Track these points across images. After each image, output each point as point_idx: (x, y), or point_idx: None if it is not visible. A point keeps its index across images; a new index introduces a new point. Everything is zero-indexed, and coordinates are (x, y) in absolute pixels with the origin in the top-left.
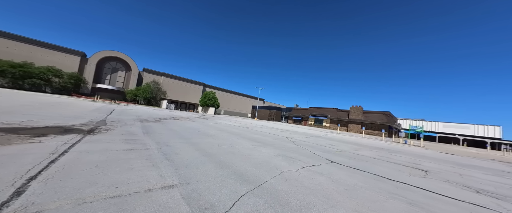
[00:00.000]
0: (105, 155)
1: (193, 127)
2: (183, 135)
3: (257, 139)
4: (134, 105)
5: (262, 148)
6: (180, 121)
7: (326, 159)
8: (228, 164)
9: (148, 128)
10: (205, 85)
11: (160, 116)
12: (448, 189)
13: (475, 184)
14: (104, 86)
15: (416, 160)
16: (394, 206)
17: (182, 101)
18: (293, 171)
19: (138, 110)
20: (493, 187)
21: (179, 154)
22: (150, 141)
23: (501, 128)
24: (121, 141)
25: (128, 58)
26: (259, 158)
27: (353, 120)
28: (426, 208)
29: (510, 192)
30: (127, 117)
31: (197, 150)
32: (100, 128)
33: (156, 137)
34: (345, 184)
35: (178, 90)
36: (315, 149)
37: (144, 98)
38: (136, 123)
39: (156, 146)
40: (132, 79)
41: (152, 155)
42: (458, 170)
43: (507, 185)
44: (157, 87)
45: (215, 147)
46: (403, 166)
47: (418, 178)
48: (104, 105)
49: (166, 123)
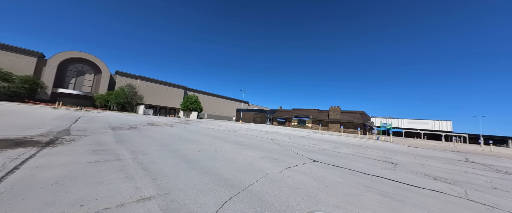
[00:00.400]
0: (67, 169)
1: (174, 133)
2: (162, 141)
3: (242, 142)
4: (105, 112)
5: (247, 151)
6: (159, 127)
7: (309, 158)
8: (211, 169)
9: (122, 136)
10: (187, 88)
11: (136, 122)
12: (413, 179)
13: (434, 173)
14: (67, 91)
15: (387, 154)
16: (369, 198)
17: (161, 106)
18: (277, 172)
19: (110, 117)
20: (447, 174)
21: (158, 162)
22: (124, 150)
23: (451, 122)
24: (88, 152)
25: (97, 60)
26: (243, 162)
27: (332, 120)
28: (395, 198)
29: (459, 177)
30: (96, 125)
31: (178, 157)
32: (62, 138)
33: (131, 146)
34: (326, 181)
35: (157, 95)
36: (298, 149)
37: (117, 104)
38: (108, 131)
39: (131, 156)
40: (102, 83)
41: (126, 166)
42: (421, 161)
43: (457, 171)
44: (133, 91)
45: (198, 152)
46: (376, 160)
47: (389, 171)
48: (68, 113)
49: (143, 130)
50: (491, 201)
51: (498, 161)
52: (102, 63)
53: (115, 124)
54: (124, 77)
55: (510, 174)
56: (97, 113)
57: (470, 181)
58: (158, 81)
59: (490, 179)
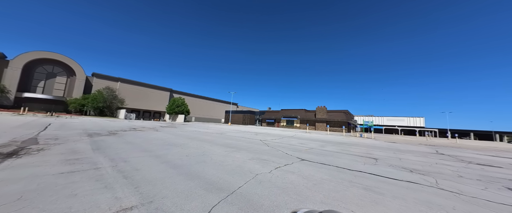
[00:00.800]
0: (34, 182)
1: (159, 138)
2: (146, 147)
3: (231, 144)
4: (80, 117)
5: (236, 153)
6: (142, 132)
7: (297, 158)
8: (199, 174)
9: (100, 143)
10: (173, 91)
11: (116, 127)
12: (392, 172)
13: (410, 165)
14: (35, 96)
15: (369, 150)
16: (353, 193)
17: (145, 109)
18: (266, 173)
19: (86, 122)
20: (421, 166)
21: (141, 169)
22: (102, 158)
23: (424, 119)
24: (59, 162)
25: (71, 61)
26: (232, 164)
27: (319, 119)
28: (376, 191)
29: (431, 168)
30: (69, 132)
31: (163, 163)
32: (28, 148)
33: (110, 153)
34: (313, 179)
35: (139, 98)
36: (287, 149)
37: (94, 108)
38: (83, 138)
39: (110, 164)
40: (77, 86)
41: (104, 175)
42: (398, 155)
43: (429, 163)
44: (112, 94)
45: (185, 157)
46: (359, 156)
47: (371, 166)
48: (35, 120)
49: (123, 136)
50: (457, 188)
51: (463, 152)
52: (76, 65)
53: (92, 130)
54: (102, 80)
55: (472, 163)
56: (70, 119)
57: (440, 171)
58: (141, 84)
59: (456, 169)
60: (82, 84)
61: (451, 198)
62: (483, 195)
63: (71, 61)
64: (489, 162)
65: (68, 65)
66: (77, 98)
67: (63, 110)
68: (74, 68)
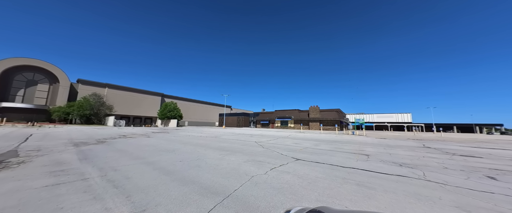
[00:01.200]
0: (15, 197)
1: (151, 144)
2: (137, 154)
3: (226, 147)
4: (65, 126)
5: (231, 156)
6: (133, 139)
7: (292, 157)
8: (193, 179)
9: (88, 153)
10: (164, 95)
11: (104, 135)
12: (383, 167)
13: (399, 160)
14: (14, 105)
15: (361, 147)
16: (347, 189)
17: (135, 115)
18: (262, 174)
19: (72, 131)
20: (409, 160)
21: (132, 178)
22: (90, 168)
23: (411, 114)
24: (43, 174)
25: (53, 67)
26: (228, 167)
27: (312, 119)
28: (369, 186)
29: (419, 161)
30: (53, 142)
31: (156, 169)
32: (7, 161)
33: (99, 162)
34: (308, 178)
35: (129, 104)
36: (282, 150)
37: (80, 116)
38: (69, 148)
39: (98, 173)
40: (61, 93)
41: (92, 186)
42: (388, 151)
43: (416, 157)
44: (100, 101)
45: (178, 162)
46: (352, 153)
47: (363, 162)
48: (15, 131)
49: (113, 143)
50: (443, 179)
51: (447, 144)
52: (59, 71)
53: (78, 139)
54: (88, 86)
55: (456, 155)
56: (54, 128)
57: (427, 164)
58: (130, 89)
59: (442, 161)
60: (66, 91)
61: (437, 189)
62: (466, 185)
63: (54, 67)
64: (470, 153)
65: (50, 72)
66: (61, 107)
67: (46, 119)
68: (57, 75)
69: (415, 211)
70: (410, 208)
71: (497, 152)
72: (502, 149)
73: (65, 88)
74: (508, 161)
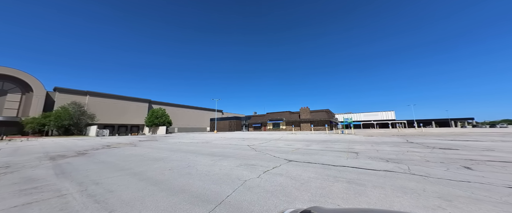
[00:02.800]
0: None
1: (137, 153)
2: (122, 165)
3: (217, 152)
4: (40, 139)
5: (223, 161)
6: (118, 149)
7: (284, 159)
8: (183, 187)
9: (65, 166)
10: (151, 102)
11: (85, 146)
12: (371, 164)
13: (386, 156)
14: None
15: (350, 145)
16: (338, 187)
17: (120, 124)
18: (255, 177)
19: (48, 144)
20: (395, 155)
21: (116, 190)
22: (68, 183)
23: (394, 112)
24: (11, 194)
25: (26, 75)
26: (220, 173)
27: (303, 120)
28: (359, 183)
29: (403, 156)
30: (25, 157)
31: (143, 180)
32: None
33: (78, 177)
34: (301, 178)
35: (113, 112)
36: (274, 152)
37: (58, 127)
38: (44, 163)
39: (78, 188)
40: (35, 103)
41: (70, 202)
42: (376, 147)
43: (401, 152)
44: (80, 110)
45: (168, 171)
46: (342, 152)
47: (353, 160)
48: None
49: (95, 155)
50: (426, 172)
51: (427, 139)
52: (33, 79)
53: (55, 152)
54: (66, 95)
55: (435, 148)
56: (27, 141)
57: (411, 158)
58: (114, 96)
59: (423, 154)
60: (41, 101)
61: (421, 181)
62: (446, 175)
63: (27, 75)
64: (448, 146)
65: (22, 81)
66: (35, 118)
67: (17, 132)
68: (31, 84)
69: (402, 204)
70: (398, 201)
71: (470, 144)
72: (475, 141)
73: (40, 98)
74: (481, 151)
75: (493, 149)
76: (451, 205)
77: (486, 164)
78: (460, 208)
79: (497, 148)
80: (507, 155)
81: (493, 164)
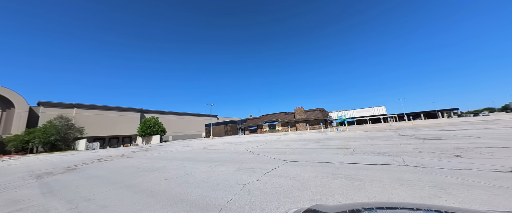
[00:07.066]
0: None
1: (131, 165)
2: (115, 178)
3: (214, 158)
4: (24, 157)
5: (221, 167)
6: (110, 162)
7: (283, 160)
8: (181, 196)
9: (53, 184)
10: (143, 110)
11: (74, 162)
12: (367, 158)
13: (380, 150)
14: None
15: (346, 142)
16: (338, 184)
17: (111, 136)
18: (254, 181)
19: (33, 162)
20: (389, 148)
21: (109, 206)
22: (57, 202)
23: (385, 107)
24: None
25: (6, 91)
26: (218, 179)
27: (299, 120)
28: (356, 178)
29: (397, 149)
30: (7, 178)
31: (138, 192)
32: None
33: (67, 194)
34: (300, 178)
35: (103, 123)
36: (272, 153)
37: (44, 143)
38: (29, 182)
39: (67, 207)
40: (17, 120)
41: None
42: (370, 142)
43: (395, 145)
44: (68, 124)
45: (164, 181)
46: (338, 149)
47: (349, 156)
48: None
49: (85, 170)
50: (419, 163)
51: (418, 130)
52: (14, 94)
53: (41, 169)
54: (52, 109)
55: (426, 139)
56: (9, 160)
57: (404, 150)
58: (103, 107)
59: (416, 146)
60: (24, 117)
61: (416, 172)
62: (439, 165)
63: (7, 90)
64: (438, 136)
65: (2, 96)
66: (18, 135)
67: None
68: (12, 99)
69: (400, 196)
70: (396, 193)
71: (458, 133)
72: (462, 130)
73: (22, 114)
74: (468, 139)
75: (478, 136)
76: (446, 192)
77: (474, 151)
78: (454, 195)
79: (482, 135)
80: (492, 141)
81: (480, 151)
